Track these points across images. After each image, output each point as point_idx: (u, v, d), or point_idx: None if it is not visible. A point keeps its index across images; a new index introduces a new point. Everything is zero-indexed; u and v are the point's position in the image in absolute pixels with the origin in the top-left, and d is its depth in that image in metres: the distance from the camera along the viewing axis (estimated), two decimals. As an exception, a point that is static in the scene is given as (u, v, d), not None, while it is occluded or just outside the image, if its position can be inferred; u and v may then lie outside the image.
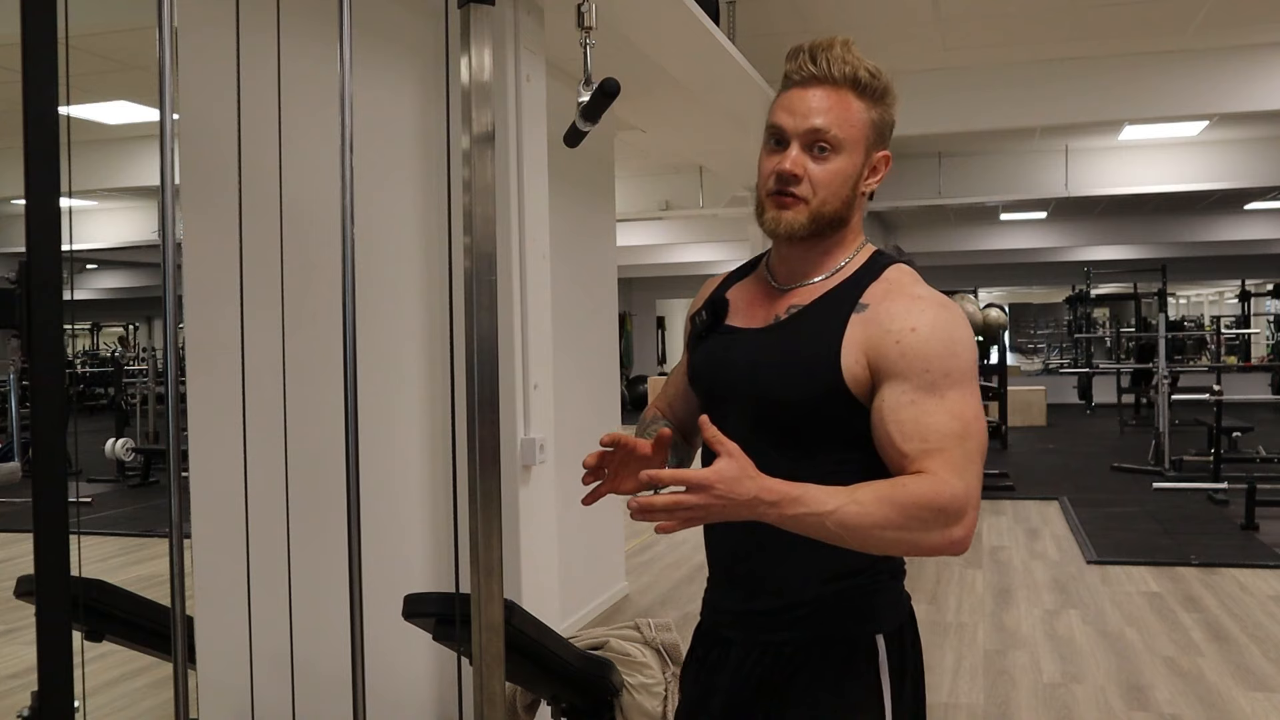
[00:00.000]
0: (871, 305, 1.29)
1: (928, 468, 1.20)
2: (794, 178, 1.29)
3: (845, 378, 1.26)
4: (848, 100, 1.30)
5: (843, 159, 1.30)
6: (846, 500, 1.16)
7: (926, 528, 1.17)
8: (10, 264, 12.20)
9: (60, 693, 1.02)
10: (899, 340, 1.24)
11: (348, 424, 1.51)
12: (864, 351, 1.26)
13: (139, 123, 7.18)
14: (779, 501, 1.15)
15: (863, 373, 1.26)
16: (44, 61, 1.04)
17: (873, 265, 1.34)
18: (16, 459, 8.45)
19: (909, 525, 1.17)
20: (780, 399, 1.30)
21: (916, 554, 1.20)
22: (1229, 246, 14.46)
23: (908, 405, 1.22)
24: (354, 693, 1.52)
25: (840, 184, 1.31)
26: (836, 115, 1.29)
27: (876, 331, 1.26)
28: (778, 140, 1.32)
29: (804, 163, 1.29)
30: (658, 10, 3.62)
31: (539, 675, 2.31)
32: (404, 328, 3.27)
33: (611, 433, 1.33)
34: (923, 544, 1.18)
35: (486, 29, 1.54)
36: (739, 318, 1.41)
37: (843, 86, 1.30)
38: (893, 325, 1.25)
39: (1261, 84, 6.18)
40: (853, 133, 1.30)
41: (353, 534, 1.51)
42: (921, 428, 1.21)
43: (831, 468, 1.26)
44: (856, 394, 1.26)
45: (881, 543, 1.18)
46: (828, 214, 1.31)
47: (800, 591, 1.34)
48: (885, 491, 1.18)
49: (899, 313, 1.26)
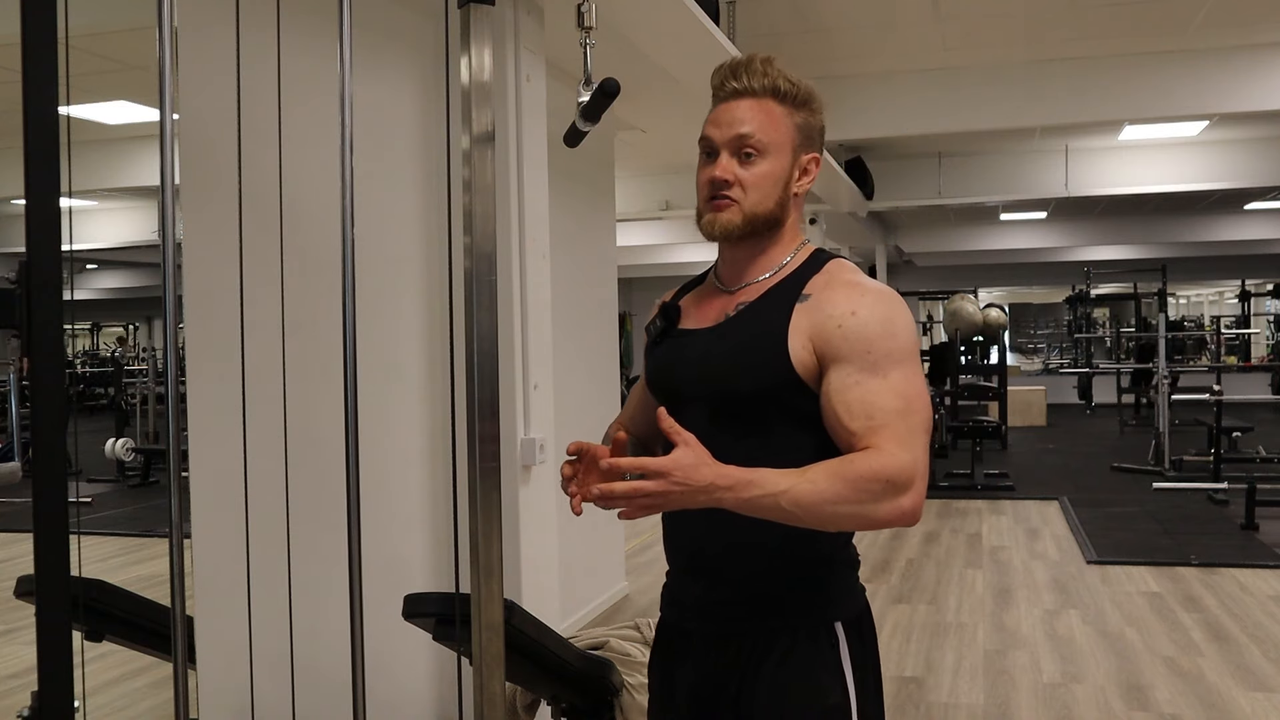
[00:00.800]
0: (814, 295, 1.36)
1: (875, 443, 1.26)
2: (724, 183, 1.38)
3: (793, 364, 1.33)
4: (770, 108, 1.39)
5: (769, 161, 1.38)
6: (798, 479, 1.22)
7: (876, 499, 1.23)
8: (10, 264, 12.20)
9: (60, 693, 1.02)
10: (840, 324, 1.31)
11: (348, 424, 1.50)
12: (809, 338, 1.33)
13: (139, 123, 7.18)
14: (734, 485, 1.21)
15: (809, 358, 1.33)
16: (44, 61, 1.04)
17: (814, 261, 1.42)
18: (16, 459, 8.45)
19: (860, 498, 1.23)
20: (734, 390, 1.37)
21: (869, 527, 1.26)
22: (1229, 246, 14.45)
23: (853, 386, 1.29)
24: (354, 693, 1.52)
25: (770, 185, 1.39)
26: (760, 122, 1.38)
27: (819, 318, 1.33)
28: (709, 152, 1.40)
29: (733, 168, 1.38)
30: (658, 10, 3.62)
31: (539, 675, 2.31)
32: (404, 328, 3.26)
33: (575, 441, 1.39)
34: (875, 516, 1.24)
35: (486, 29, 1.54)
36: (691, 321, 1.47)
37: (764, 96, 1.39)
38: (834, 310, 1.33)
39: (1261, 84, 6.18)
40: (777, 136, 1.39)
41: (353, 534, 1.51)
42: (867, 406, 1.28)
43: (787, 453, 1.31)
44: (805, 379, 1.33)
45: (835, 517, 1.24)
46: (761, 214, 1.39)
47: (760, 581, 1.38)
48: (835, 468, 1.24)
49: (840, 299, 1.33)
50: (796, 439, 1.34)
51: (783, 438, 1.35)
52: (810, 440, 1.33)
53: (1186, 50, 6.22)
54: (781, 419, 1.35)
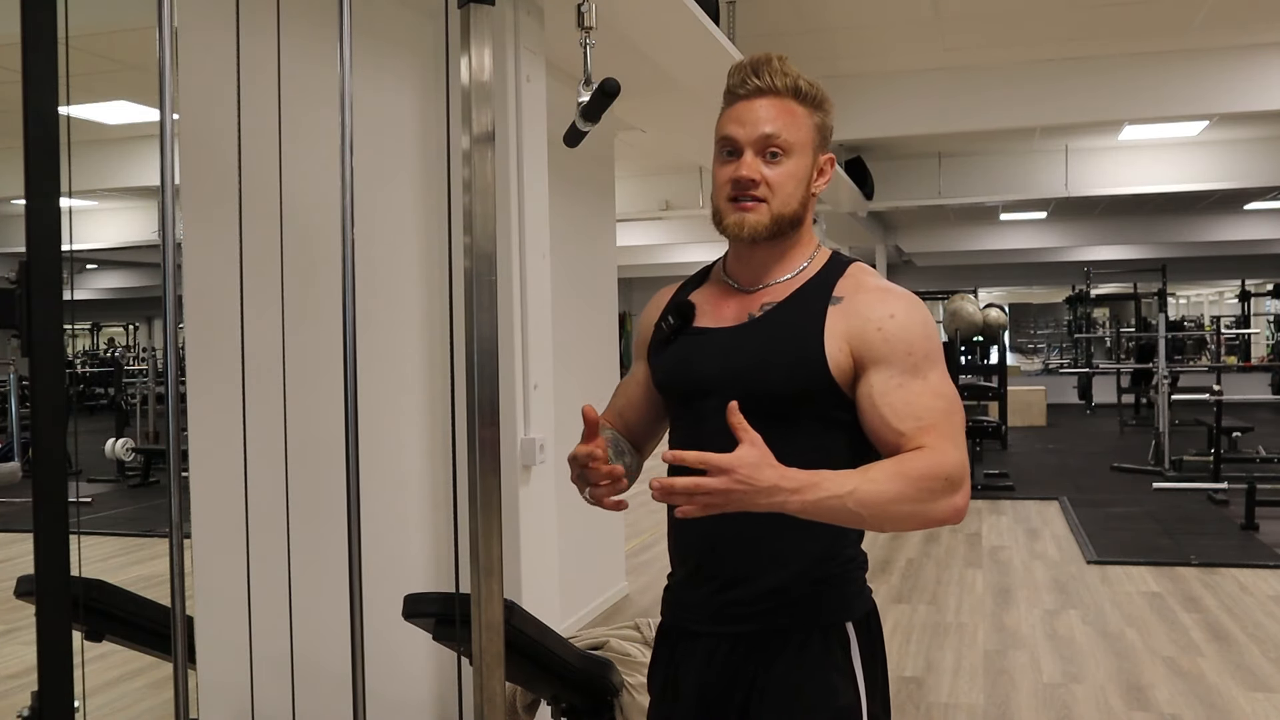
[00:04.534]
0: (846, 298, 1.36)
1: (926, 443, 1.28)
2: (752, 182, 1.37)
3: (830, 365, 1.33)
4: (792, 108, 1.39)
5: (794, 161, 1.38)
6: (861, 480, 1.23)
7: (935, 497, 1.24)
8: (10, 264, 12.20)
9: (60, 693, 1.02)
10: (880, 327, 1.33)
11: (348, 424, 1.50)
12: (846, 340, 1.34)
13: (139, 123, 7.18)
14: (800, 488, 1.19)
15: (845, 360, 1.33)
16: (44, 61, 1.04)
17: (836, 264, 1.43)
18: (16, 459, 8.45)
19: (921, 496, 1.24)
20: (766, 391, 1.35)
21: (926, 525, 1.27)
22: (1229, 246, 14.46)
23: (896, 389, 1.31)
24: (354, 693, 1.52)
25: (795, 185, 1.39)
26: (785, 122, 1.37)
27: (857, 321, 1.34)
28: (730, 151, 1.39)
29: (759, 168, 1.37)
30: (658, 10, 3.62)
31: (539, 675, 2.31)
32: (404, 328, 3.26)
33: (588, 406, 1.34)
34: (933, 513, 1.25)
35: (486, 29, 1.54)
36: (706, 319, 1.45)
37: (785, 96, 1.39)
38: (872, 314, 1.34)
39: (1261, 84, 6.18)
40: (800, 136, 1.39)
41: (353, 534, 1.51)
42: (914, 408, 1.30)
43: (810, 452, 1.30)
44: (839, 381, 1.34)
45: (898, 516, 1.25)
46: (787, 215, 1.39)
47: (773, 581, 1.37)
48: (895, 468, 1.25)
49: (874, 302, 1.35)
50: (822, 439, 1.35)
51: (809, 437, 1.35)
52: (835, 441, 1.35)
53: (1186, 50, 6.22)
54: (810, 419, 1.35)
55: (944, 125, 6.82)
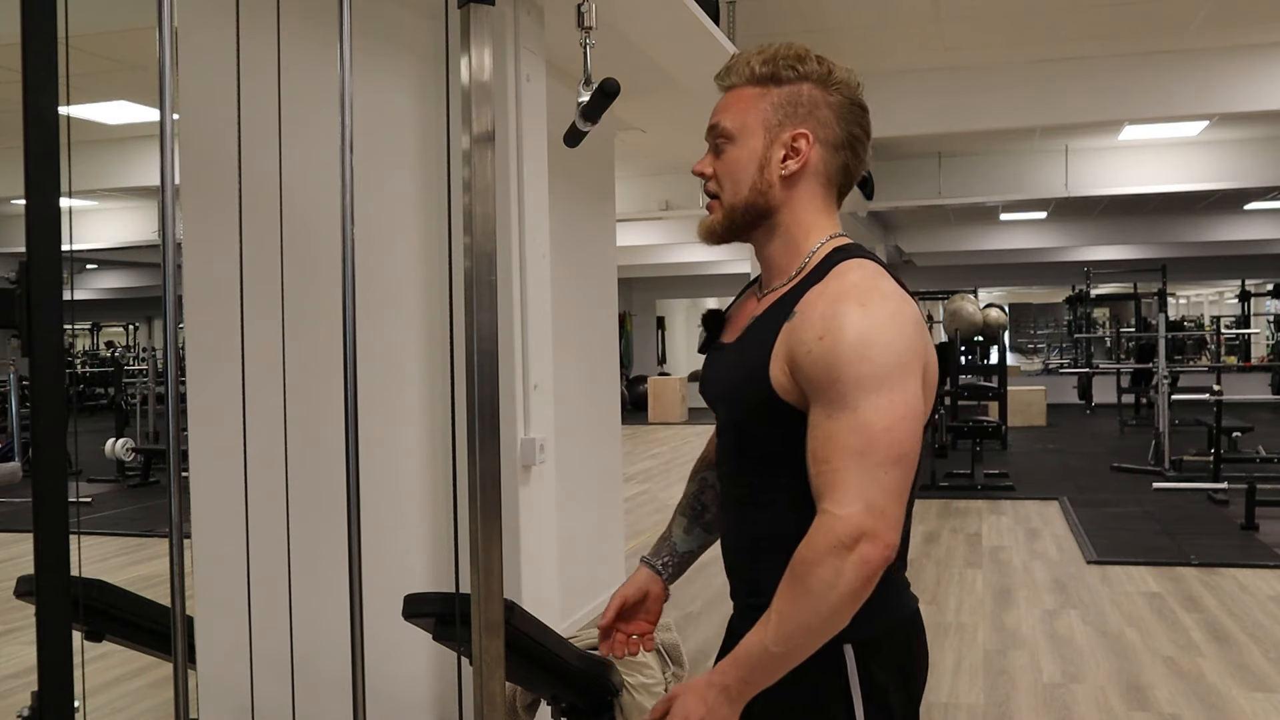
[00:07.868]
0: (799, 312, 1.24)
1: (821, 504, 1.18)
2: (702, 175, 1.36)
3: (774, 388, 1.24)
4: (742, 94, 1.34)
5: (737, 147, 1.33)
6: (765, 627, 1.19)
7: (839, 575, 1.14)
8: (10, 264, 12.19)
9: (60, 693, 1.02)
10: (809, 351, 1.20)
11: (348, 424, 1.50)
12: (786, 362, 1.23)
13: (139, 123, 7.18)
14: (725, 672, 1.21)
15: (789, 382, 1.23)
16: (44, 61, 1.04)
17: (825, 264, 1.28)
18: (16, 459, 8.45)
19: (825, 590, 1.14)
20: (739, 414, 1.33)
21: (859, 596, 1.16)
22: (1229, 246, 14.45)
23: (820, 425, 1.19)
24: (354, 693, 1.52)
25: (739, 170, 1.32)
26: (731, 111, 1.34)
27: (793, 342, 1.23)
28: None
29: (708, 161, 1.35)
30: (658, 10, 3.62)
31: (539, 675, 2.31)
32: (404, 328, 3.26)
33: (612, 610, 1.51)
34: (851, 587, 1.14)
35: (486, 29, 1.54)
36: (729, 332, 1.41)
37: (739, 85, 1.35)
38: (806, 335, 1.21)
39: (1261, 84, 6.18)
40: (745, 119, 1.32)
41: (353, 534, 1.51)
42: (825, 449, 1.18)
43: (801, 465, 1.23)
44: (792, 402, 1.24)
45: (821, 618, 1.16)
46: (739, 204, 1.33)
47: (761, 601, 1.28)
48: (785, 585, 1.18)
49: (815, 320, 1.21)
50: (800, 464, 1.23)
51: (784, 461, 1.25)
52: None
53: (1186, 50, 6.21)
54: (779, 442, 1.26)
55: (944, 125, 6.82)
